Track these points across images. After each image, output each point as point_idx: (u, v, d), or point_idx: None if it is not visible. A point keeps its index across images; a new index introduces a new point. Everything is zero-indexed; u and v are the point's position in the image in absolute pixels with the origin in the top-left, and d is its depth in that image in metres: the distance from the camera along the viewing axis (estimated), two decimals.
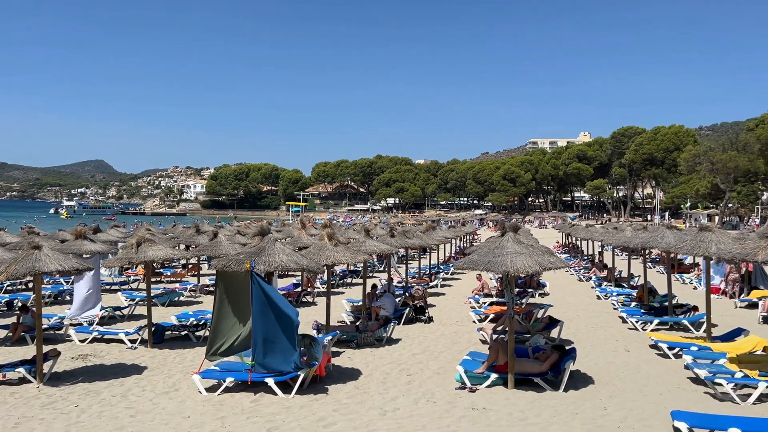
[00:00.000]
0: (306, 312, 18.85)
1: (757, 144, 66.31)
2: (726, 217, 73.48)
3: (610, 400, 9.62)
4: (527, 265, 9.82)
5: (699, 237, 12.99)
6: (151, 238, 13.69)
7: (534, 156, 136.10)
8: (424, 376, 11.25)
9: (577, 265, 32.67)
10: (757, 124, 73.87)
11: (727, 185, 70.81)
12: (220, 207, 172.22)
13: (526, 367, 10.51)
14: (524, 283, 23.54)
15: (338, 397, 9.80)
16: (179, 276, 27.86)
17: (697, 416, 7.90)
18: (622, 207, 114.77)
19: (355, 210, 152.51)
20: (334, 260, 12.93)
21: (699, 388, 10.32)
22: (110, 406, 9.40)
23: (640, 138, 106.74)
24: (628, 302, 19.42)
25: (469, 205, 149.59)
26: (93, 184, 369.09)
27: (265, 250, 10.47)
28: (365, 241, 16.62)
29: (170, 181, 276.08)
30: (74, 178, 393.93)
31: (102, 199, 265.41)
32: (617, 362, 12.27)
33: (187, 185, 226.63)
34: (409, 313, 17.12)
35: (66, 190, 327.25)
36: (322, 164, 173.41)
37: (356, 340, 13.90)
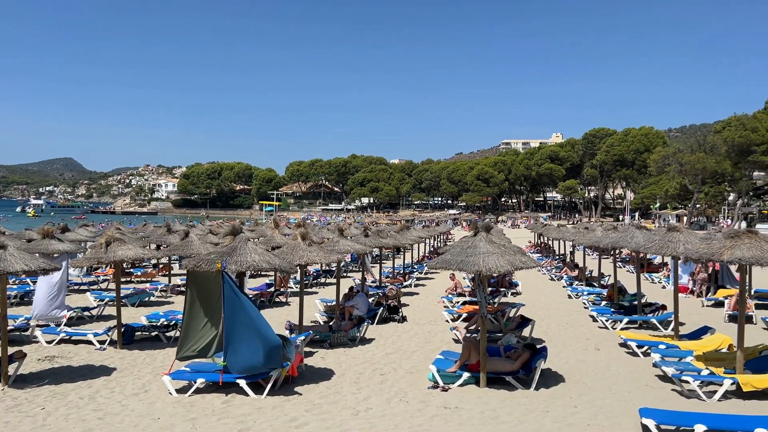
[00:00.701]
0: (279, 312, 18.76)
1: (723, 146, 67.70)
2: (694, 217, 74.95)
3: (580, 398, 9.74)
4: (499, 264, 9.89)
5: (667, 237, 13.23)
6: (120, 238, 13.46)
7: (507, 156, 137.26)
8: (397, 375, 11.26)
9: (548, 264, 33.02)
10: (723, 126, 75.38)
11: (695, 186, 72.25)
12: (192, 206, 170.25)
13: (497, 366, 10.58)
14: (497, 283, 23.73)
15: (311, 398, 9.76)
16: (150, 276, 27.46)
17: (664, 413, 8.03)
18: (594, 207, 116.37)
19: (329, 209, 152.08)
20: (308, 260, 12.85)
21: (667, 386, 10.51)
22: (78, 408, 9.22)
23: (611, 139, 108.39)
24: (598, 301, 19.70)
25: (443, 205, 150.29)
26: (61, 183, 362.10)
27: (237, 249, 10.37)
28: (339, 240, 16.57)
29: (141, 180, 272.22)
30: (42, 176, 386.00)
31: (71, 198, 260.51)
32: (587, 360, 12.43)
33: (158, 184, 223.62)
34: (382, 312, 17.12)
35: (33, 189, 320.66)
36: (296, 163, 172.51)
37: (329, 340, 13.85)
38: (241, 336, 9.66)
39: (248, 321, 9.62)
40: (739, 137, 64.49)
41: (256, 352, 9.68)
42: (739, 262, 9.56)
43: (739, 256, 9.54)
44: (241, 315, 9.62)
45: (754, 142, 63.50)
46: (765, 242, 9.88)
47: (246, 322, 9.63)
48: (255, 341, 9.66)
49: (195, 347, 10.02)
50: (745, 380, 9.57)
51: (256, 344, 9.68)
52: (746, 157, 65.13)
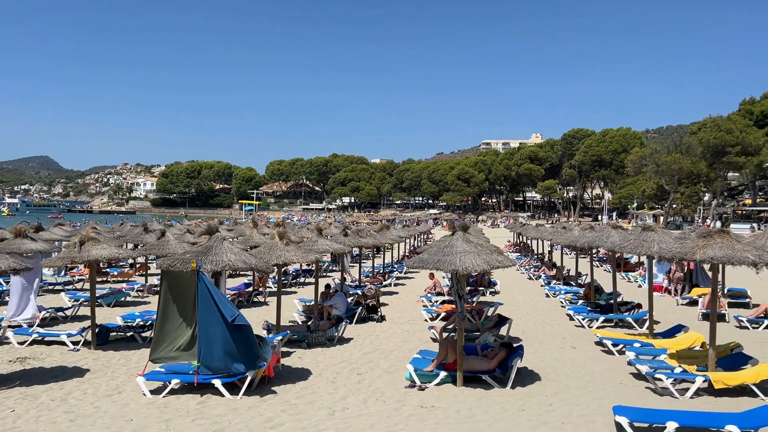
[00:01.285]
0: (257, 312, 18.64)
1: (699, 147, 68.68)
2: (670, 217, 75.94)
3: (556, 396, 9.81)
4: (476, 263, 9.93)
5: (642, 236, 13.39)
6: (94, 237, 13.27)
7: (487, 156, 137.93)
8: (374, 375, 11.25)
9: (527, 264, 33.26)
10: (699, 127, 76.48)
11: (671, 186, 73.18)
12: (171, 205, 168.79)
13: (474, 365, 10.62)
14: (475, 282, 23.84)
15: (287, 398, 9.71)
16: (126, 276, 27.14)
17: (637, 411, 8.12)
18: (572, 207, 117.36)
19: (310, 209, 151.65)
20: (285, 260, 12.78)
21: (641, 384, 10.63)
22: (49, 410, 9.07)
23: (589, 140, 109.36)
24: (575, 300, 19.88)
25: (423, 204, 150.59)
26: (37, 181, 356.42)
27: (213, 249, 10.27)
28: (318, 240, 16.52)
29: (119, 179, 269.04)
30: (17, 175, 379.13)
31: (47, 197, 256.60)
32: (564, 359, 12.53)
33: (136, 183, 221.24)
34: (361, 312, 17.10)
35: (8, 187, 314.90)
36: (277, 162, 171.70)
37: (307, 340, 13.80)
38: (216, 336, 9.57)
39: (223, 321, 9.54)
40: (714, 138, 65.51)
41: (232, 353, 9.61)
42: (711, 262, 9.70)
43: (711, 256, 9.68)
44: (216, 315, 9.53)
45: (728, 143, 64.55)
46: (736, 242, 10.05)
47: (221, 322, 9.54)
48: (230, 341, 9.58)
49: (170, 349, 9.91)
50: (716, 378, 9.71)
51: (231, 344, 9.60)
52: (721, 158, 66.17)
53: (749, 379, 9.63)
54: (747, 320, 15.97)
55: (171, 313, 9.84)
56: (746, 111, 73.96)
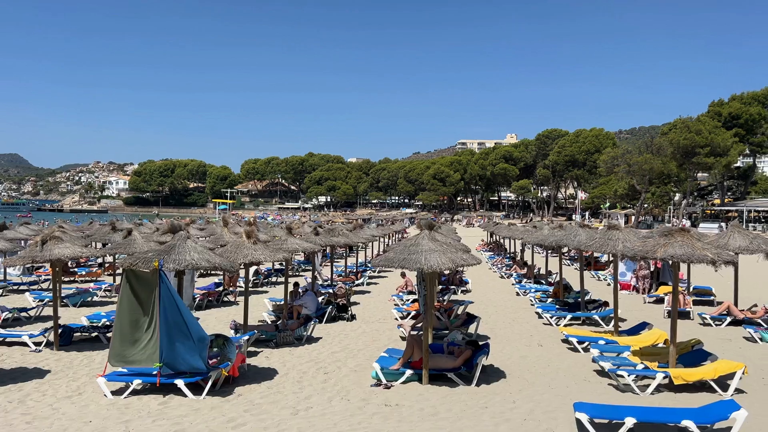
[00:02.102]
0: (227, 311, 18.51)
1: (669, 148, 69.86)
2: (641, 216, 77.13)
3: (520, 394, 9.89)
4: (441, 262, 9.96)
5: (607, 235, 13.56)
6: (57, 236, 13.02)
7: (463, 156, 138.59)
8: (341, 374, 11.22)
9: (499, 262, 33.50)
10: (670, 128, 77.87)
11: (642, 186, 74.32)
12: (143, 204, 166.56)
13: (440, 363, 10.66)
14: (447, 281, 23.94)
15: (251, 398, 9.63)
16: (95, 275, 26.75)
17: (596, 407, 8.22)
18: (546, 207, 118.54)
19: (285, 208, 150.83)
20: (252, 258, 12.68)
21: (604, 380, 10.75)
22: (5, 412, 8.87)
23: (562, 140, 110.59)
24: (544, 298, 20.07)
25: (400, 203, 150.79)
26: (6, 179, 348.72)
27: (176, 247, 10.14)
28: (287, 239, 16.42)
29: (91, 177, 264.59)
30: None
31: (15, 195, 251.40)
32: (530, 356, 12.63)
33: (108, 181, 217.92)
34: (331, 311, 17.05)
35: None
36: (252, 161, 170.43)
37: (275, 340, 13.71)
38: (177, 335, 9.45)
39: (184, 321, 9.44)
40: (683, 139, 66.70)
41: (193, 352, 9.51)
42: (671, 259, 9.87)
43: (672, 254, 9.85)
44: (177, 314, 9.42)
45: (697, 144, 65.77)
46: (697, 240, 10.22)
47: (182, 322, 9.43)
48: (191, 341, 9.48)
49: (130, 349, 9.72)
50: (676, 374, 9.87)
51: (192, 344, 9.50)
52: (690, 159, 67.40)
53: (708, 375, 9.80)
54: (710, 317, 16.27)
55: (132, 313, 9.67)
56: (715, 113, 75.41)
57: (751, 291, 20.84)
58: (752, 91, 75.99)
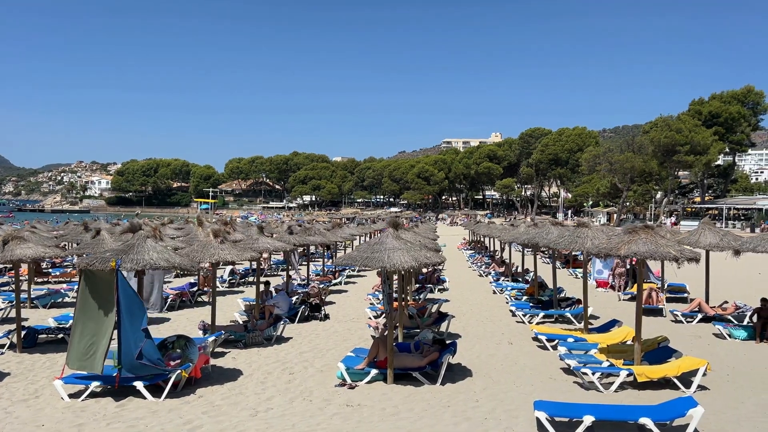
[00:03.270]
0: (200, 312, 18.29)
1: (650, 146, 70.35)
2: (623, 215, 77.64)
3: (484, 392, 9.83)
4: (404, 260, 9.88)
5: (576, 233, 13.56)
6: (19, 236, 12.78)
7: (447, 155, 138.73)
8: (306, 374, 11.10)
9: (479, 261, 33.54)
10: (651, 127, 78.40)
11: (624, 185, 74.81)
12: (126, 204, 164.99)
13: (405, 362, 10.58)
14: (425, 279, 23.89)
15: (211, 399, 9.49)
16: (69, 276, 26.37)
17: (556, 405, 8.18)
18: (530, 205, 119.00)
19: (270, 207, 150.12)
20: (219, 258, 12.53)
21: (570, 378, 10.73)
22: None
23: (546, 139, 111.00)
24: (519, 296, 20.06)
25: (385, 202, 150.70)
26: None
27: (134, 247, 9.97)
28: (258, 238, 16.26)
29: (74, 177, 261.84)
30: None
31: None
32: (498, 355, 12.59)
33: (91, 181, 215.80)
34: (304, 311, 16.92)
35: None
36: (236, 160, 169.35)
37: (244, 340, 13.57)
38: (135, 336, 9.30)
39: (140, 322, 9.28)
40: (664, 138, 67.20)
41: (151, 353, 9.35)
42: (634, 257, 9.86)
43: (635, 251, 9.85)
44: (135, 315, 9.27)
45: (678, 143, 66.28)
46: (660, 237, 10.23)
47: (139, 323, 9.28)
48: (150, 342, 9.32)
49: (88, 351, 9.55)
50: (640, 371, 9.87)
51: (150, 345, 9.35)
52: (671, 157, 67.91)
53: (671, 372, 9.81)
54: (681, 314, 16.35)
55: (90, 314, 9.50)
56: (695, 111, 76.02)
57: (724, 288, 20.99)
58: (732, 90, 76.72)
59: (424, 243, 14.95)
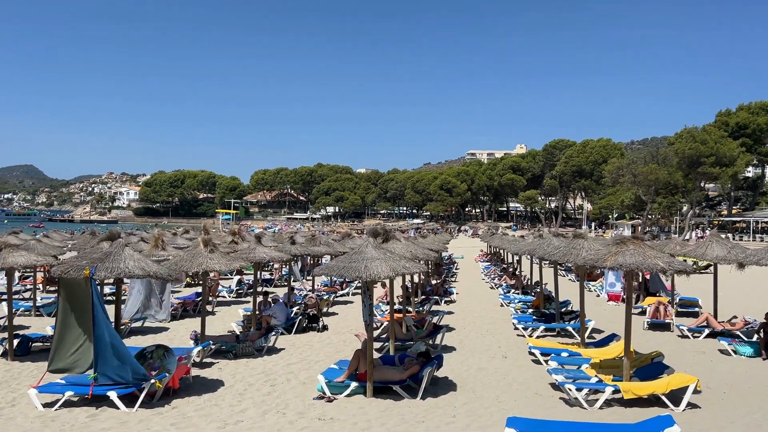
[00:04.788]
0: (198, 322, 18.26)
1: (675, 158, 69.03)
2: (648, 227, 76.21)
3: (463, 407, 9.54)
4: (381, 270, 9.68)
5: (572, 244, 13.21)
6: (13, 244, 12.89)
7: (470, 167, 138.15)
8: (288, 386, 10.92)
9: (493, 272, 33.10)
10: (676, 138, 76.97)
11: (648, 197, 73.44)
12: (154, 214, 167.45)
13: (386, 375, 10.35)
14: (432, 291, 23.61)
15: (185, 410, 9.36)
16: None
17: (528, 422, 7.86)
18: (554, 217, 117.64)
19: (294, 218, 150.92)
20: (206, 267, 12.47)
21: (557, 394, 10.38)
22: None
23: (569, 150, 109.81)
24: (525, 309, 19.66)
25: (408, 214, 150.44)
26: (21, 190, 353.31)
27: (111, 255, 9.94)
28: (255, 247, 16.20)
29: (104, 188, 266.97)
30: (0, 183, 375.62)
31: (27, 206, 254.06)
32: (489, 369, 12.27)
33: (120, 192, 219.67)
34: (301, 321, 16.79)
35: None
36: (261, 172, 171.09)
37: (234, 350, 13.46)
38: (110, 345, 9.23)
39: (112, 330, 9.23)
40: (688, 149, 65.87)
41: (125, 363, 9.28)
42: (620, 268, 9.53)
43: (621, 263, 9.50)
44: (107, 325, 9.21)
45: (703, 154, 64.91)
46: (650, 249, 9.87)
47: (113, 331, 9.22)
48: (124, 351, 9.26)
49: (67, 359, 9.52)
50: (626, 387, 9.49)
51: (124, 354, 9.28)
52: (696, 169, 66.51)
53: (659, 389, 9.42)
54: (688, 329, 15.82)
55: (68, 322, 9.48)
56: (722, 122, 74.44)
57: (738, 302, 20.34)
58: (761, 101, 75.05)
59: (417, 253, 14.70)
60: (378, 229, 10.79)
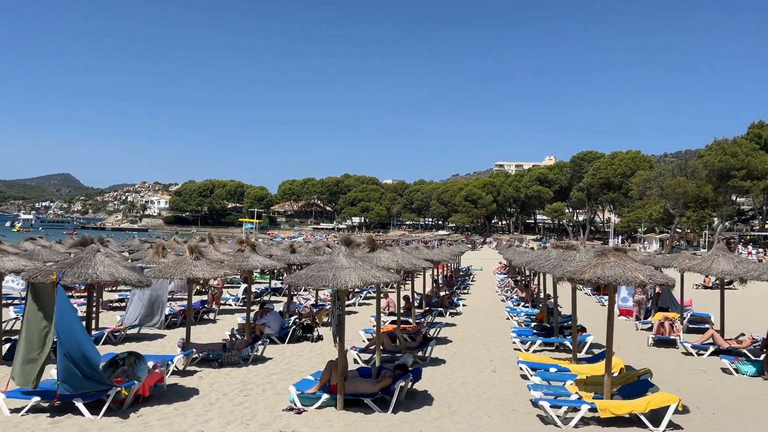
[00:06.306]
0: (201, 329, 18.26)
1: (704, 170, 67.51)
2: (676, 241, 74.51)
3: (431, 423, 9.24)
4: (351, 279, 9.47)
5: (563, 256, 12.82)
6: (3, 249, 13.03)
7: (497, 178, 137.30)
8: (262, 396, 10.74)
9: (507, 285, 32.60)
10: (707, 151, 75.29)
11: (677, 210, 71.86)
12: (183, 223, 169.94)
13: (359, 388, 10.10)
14: (437, 302, 23.26)
15: (148, 419, 9.23)
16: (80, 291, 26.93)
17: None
18: (582, 230, 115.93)
19: (320, 228, 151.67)
20: (190, 274, 12.41)
21: (535, 411, 9.98)
22: None
23: (597, 162, 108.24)
24: (529, 322, 19.22)
25: (433, 225, 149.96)
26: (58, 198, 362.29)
27: (82, 260, 9.92)
28: (249, 256, 16.13)
29: (137, 197, 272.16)
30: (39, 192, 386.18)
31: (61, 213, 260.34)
32: (472, 383, 11.92)
33: (150, 201, 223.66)
34: (296, 331, 16.64)
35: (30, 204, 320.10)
36: (289, 182, 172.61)
37: (220, 359, 13.36)
38: (73, 352, 9.16)
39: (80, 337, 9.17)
40: (718, 162, 64.37)
41: (89, 369, 9.21)
42: (598, 281, 9.16)
43: (599, 275, 9.14)
44: (74, 330, 9.15)
45: (733, 167, 63.33)
46: (631, 261, 9.48)
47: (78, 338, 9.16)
48: (87, 358, 9.19)
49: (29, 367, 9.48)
50: (603, 406, 9.08)
51: (90, 361, 9.21)
52: (726, 182, 64.90)
53: (638, 408, 8.99)
54: (692, 346, 15.22)
55: (34, 328, 9.47)
56: (755, 135, 72.64)
57: (752, 319, 19.56)
58: None
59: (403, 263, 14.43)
60: (351, 238, 10.58)
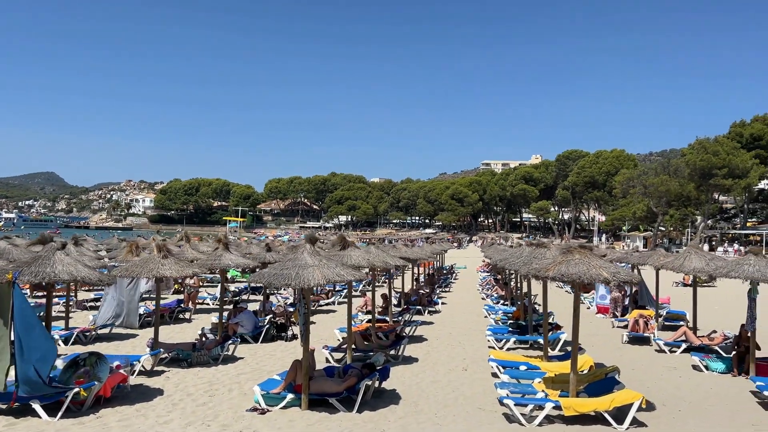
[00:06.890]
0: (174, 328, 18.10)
1: (686, 169, 67.92)
2: (659, 239, 74.96)
3: (396, 422, 9.16)
4: (314, 277, 9.36)
5: (533, 254, 12.80)
6: None
7: (483, 177, 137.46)
8: (228, 396, 10.61)
9: (488, 283, 32.60)
10: (689, 150, 75.82)
11: (660, 209, 72.29)
12: (168, 222, 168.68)
13: (324, 387, 10.00)
14: (416, 301, 23.19)
15: (107, 421, 9.08)
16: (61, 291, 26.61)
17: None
18: (567, 228, 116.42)
19: (307, 227, 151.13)
20: (157, 273, 12.23)
21: (502, 409, 9.93)
22: None
23: (582, 161, 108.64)
24: (506, 320, 19.19)
25: (420, 224, 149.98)
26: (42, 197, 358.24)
27: (40, 259, 9.74)
28: (222, 254, 15.97)
29: (122, 195, 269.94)
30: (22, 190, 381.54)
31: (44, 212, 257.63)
32: (443, 382, 11.86)
33: (135, 199, 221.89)
34: (269, 330, 16.50)
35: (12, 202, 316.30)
36: (275, 180, 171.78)
37: (189, 359, 13.20)
38: (31, 353, 8.98)
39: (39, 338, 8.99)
40: (700, 161, 64.81)
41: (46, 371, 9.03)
42: (561, 279, 9.13)
43: (563, 273, 9.11)
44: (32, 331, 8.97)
45: (714, 166, 63.81)
46: (596, 259, 9.45)
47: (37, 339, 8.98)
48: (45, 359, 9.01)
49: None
50: (567, 404, 9.05)
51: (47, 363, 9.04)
52: (708, 180, 65.38)
53: (602, 406, 8.96)
54: (665, 344, 15.27)
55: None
56: (736, 133, 73.26)
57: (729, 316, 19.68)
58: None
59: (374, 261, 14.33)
60: (314, 236, 10.47)
